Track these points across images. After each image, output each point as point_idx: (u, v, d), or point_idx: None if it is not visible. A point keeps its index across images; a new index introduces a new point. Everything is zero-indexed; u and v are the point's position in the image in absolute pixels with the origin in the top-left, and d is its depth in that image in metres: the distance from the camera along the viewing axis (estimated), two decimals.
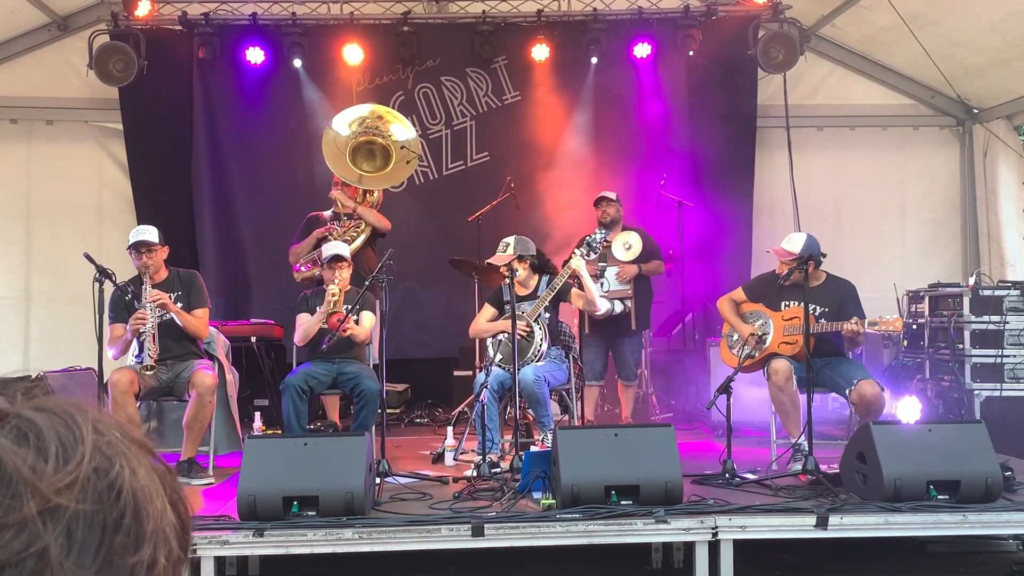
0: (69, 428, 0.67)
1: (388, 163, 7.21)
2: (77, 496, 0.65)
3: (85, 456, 0.66)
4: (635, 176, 8.57)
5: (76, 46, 8.54)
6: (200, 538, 4.04)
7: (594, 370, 7.07)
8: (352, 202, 7.07)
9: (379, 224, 7.12)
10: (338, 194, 7.06)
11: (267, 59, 8.56)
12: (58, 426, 0.67)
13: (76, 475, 0.65)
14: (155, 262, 5.54)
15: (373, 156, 7.28)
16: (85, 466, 0.66)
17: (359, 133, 7.22)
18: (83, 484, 0.65)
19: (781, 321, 5.68)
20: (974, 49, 7.89)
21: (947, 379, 6.79)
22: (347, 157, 7.10)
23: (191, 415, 5.39)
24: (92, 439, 0.67)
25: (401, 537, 4.16)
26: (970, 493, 4.31)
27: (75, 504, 0.64)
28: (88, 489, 0.65)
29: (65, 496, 0.64)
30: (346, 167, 7.06)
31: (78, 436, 0.67)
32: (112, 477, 0.67)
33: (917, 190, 9.27)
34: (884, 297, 7.38)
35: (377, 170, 7.21)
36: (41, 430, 0.67)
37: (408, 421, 8.14)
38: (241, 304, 8.67)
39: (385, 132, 7.25)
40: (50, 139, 8.91)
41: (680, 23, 8.61)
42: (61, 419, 0.68)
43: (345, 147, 7.13)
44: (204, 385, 5.32)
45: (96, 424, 0.69)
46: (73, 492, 0.64)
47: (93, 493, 0.65)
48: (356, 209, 7.05)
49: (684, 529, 4.20)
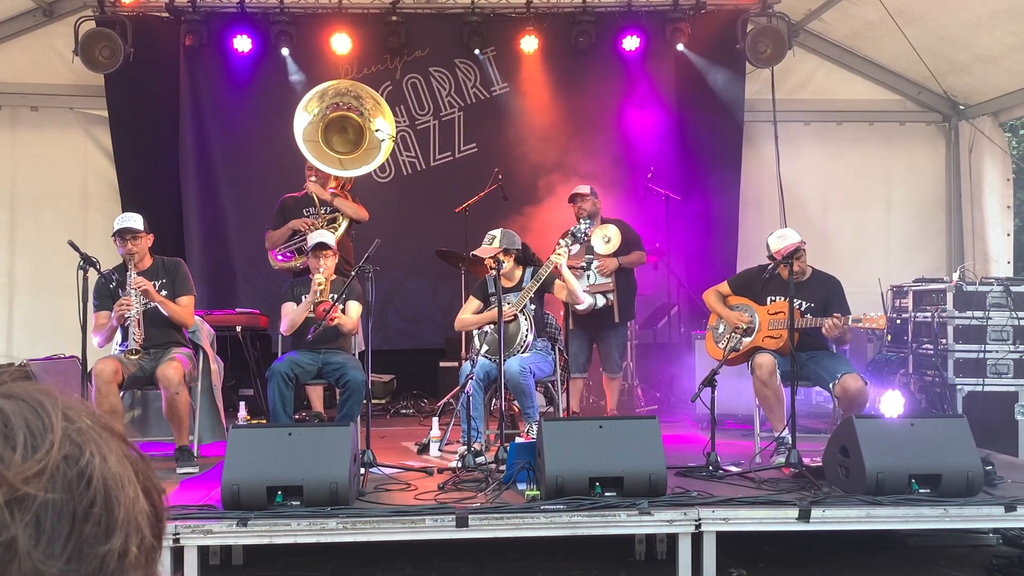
0: (38, 415, 0.67)
1: (362, 140, 7.08)
2: (46, 485, 0.64)
3: (54, 444, 0.65)
4: (622, 169, 8.58)
5: (62, 32, 8.48)
6: (183, 527, 4.04)
7: (578, 362, 7.07)
8: (328, 194, 7.02)
9: (357, 215, 7.07)
10: (315, 188, 6.99)
11: (254, 47, 8.51)
12: (26, 413, 0.66)
13: (45, 463, 0.64)
14: (140, 249, 5.52)
15: (345, 131, 7.12)
16: (54, 454, 0.65)
17: (331, 105, 7.07)
18: (52, 473, 0.64)
19: (766, 315, 5.71)
20: (961, 45, 7.91)
21: (930, 374, 6.83)
22: (320, 138, 6.99)
23: (166, 409, 5.41)
24: (62, 426, 0.67)
25: (385, 527, 4.16)
26: (951, 487, 4.34)
27: (44, 493, 0.63)
28: (57, 478, 0.65)
29: (33, 485, 0.63)
30: (322, 152, 6.95)
31: (47, 424, 0.66)
32: (82, 465, 0.66)
33: (903, 185, 9.31)
34: (869, 292, 7.41)
35: (351, 149, 7.08)
36: (9, 417, 0.66)
37: (393, 412, 8.14)
38: (227, 293, 8.64)
39: (358, 107, 7.11)
40: (35, 125, 8.84)
41: (669, 16, 8.63)
42: (30, 406, 0.67)
43: (317, 129, 7.00)
44: (167, 378, 5.30)
45: (66, 411, 0.68)
46: (42, 481, 0.64)
47: (63, 482, 0.65)
48: (333, 202, 7.00)
49: (667, 521, 4.22)
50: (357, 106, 7.06)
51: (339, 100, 7.04)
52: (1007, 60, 7.78)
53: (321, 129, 7.00)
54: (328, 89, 7.09)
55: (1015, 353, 6.64)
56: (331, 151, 7.04)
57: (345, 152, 7.08)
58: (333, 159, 7.01)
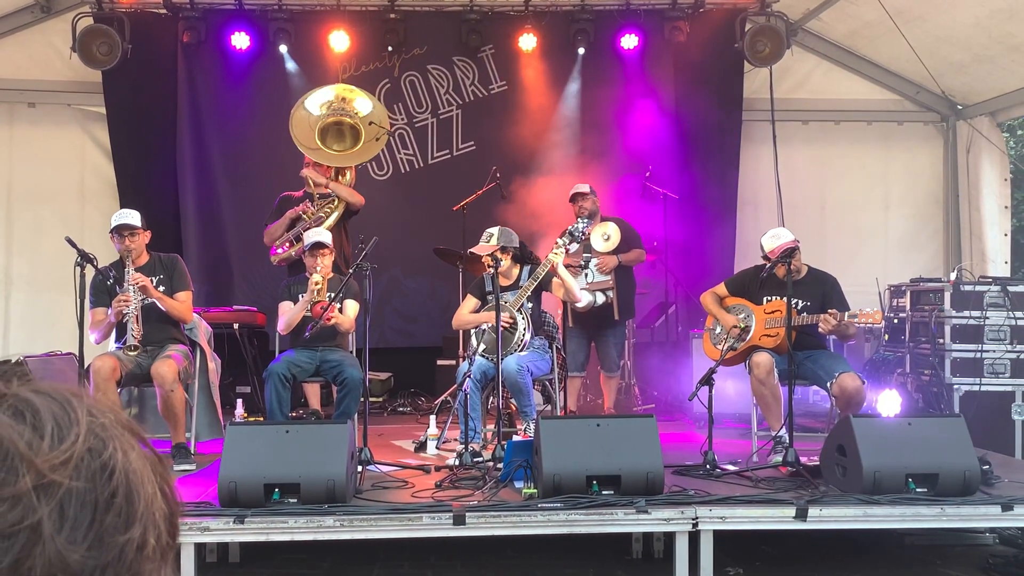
0: (64, 409, 0.70)
1: (358, 142, 7.12)
2: (71, 474, 0.67)
3: (80, 436, 0.68)
4: (620, 168, 8.57)
5: (59, 28, 8.46)
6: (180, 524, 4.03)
7: (577, 361, 7.08)
8: (324, 179, 7.01)
9: (352, 199, 7.04)
10: (310, 172, 6.99)
11: (252, 45, 8.51)
12: (54, 407, 0.70)
13: (71, 453, 0.67)
14: (137, 246, 5.51)
15: (342, 136, 7.17)
16: (79, 445, 0.68)
17: (327, 115, 7.14)
18: (77, 463, 0.67)
19: (763, 314, 5.71)
20: (959, 45, 7.92)
21: (927, 373, 6.84)
22: (316, 137, 7.02)
23: (161, 407, 5.40)
24: (87, 421, 0.70)
25: (382, 525, 4.16)
26: (948, 486, 4.34)
27: (69, 481, 0.66)
28: (82, 468, 0.67)
29: (60, 473, 0.66)
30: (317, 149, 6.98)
31: (73, 417, 0.69)
32: (105, 458, 0.69)
33: (900, 185, 9.32)
34: (866, 291, 7.41)
35: (347, 149, 7.13)
36: (38, 409, 0.69)
37: (391, 410, 8.13)
38: (224, 290, 8.63)
39: (351, 111, 7.17)
40: (32, 122, 8.83)
41: (667, 15, 8.63)
42: (57, 401, 0.70)
43: (314, 128, 7.04)
44: (161, 376, 5.29)
45: (91, 408, 0.71)
46: (67, 469, 0.67)
47: (86, 472, 0.68)
48: (328, 185, 6.99)
49: (665, 519, 4.21)
50: (350, 111, 7.13)
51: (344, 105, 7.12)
52: (1005, 60, 7.78)
53: (318, 130, 7.04)
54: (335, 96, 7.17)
55: (1012, 353, 6.65)
56: (328, 151, 7.06)
57: (342, 150, 7.11)
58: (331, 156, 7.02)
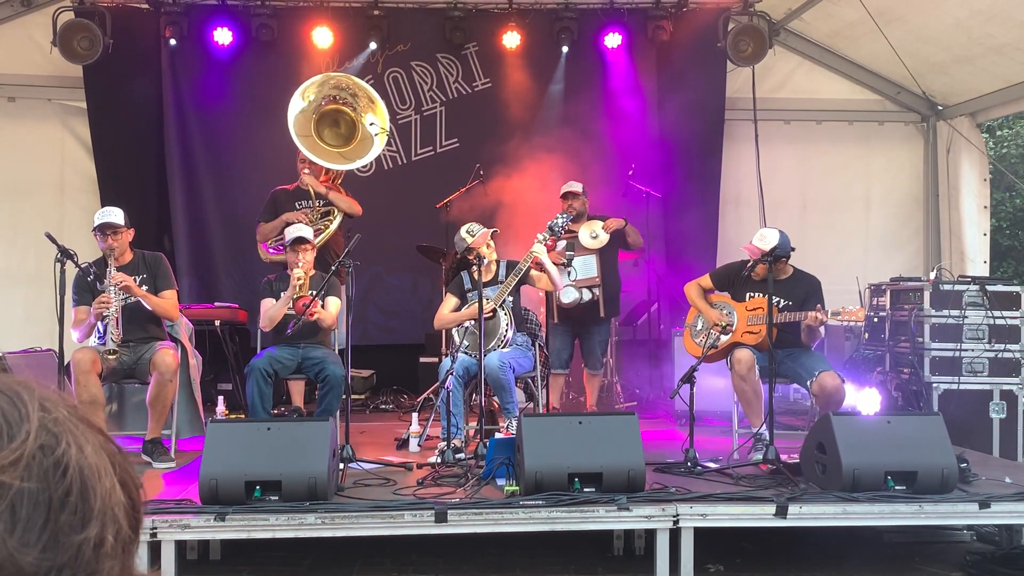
0: (14, 405, 0.67)
1: (354, 135, 7.03)
2: (21, 474, 0.64)
3: (30, 434, 0.66)
4: (603, 166, 8.57)
5: (40, 22, 8.40)
6: (161, 522, 4.01)
7: (561, 359, 7.08)
8: (323, 188, 6.95)
9: (351, 210, 6.97)
10: (310, 180, 6.92)
11: (235, 40, 8.47)
12: (3, 403, 0.67)
13: (20, 452, 0.65)
14: (120, 244, 5.48)
15: (337, 125, 7.07)
16: (30, 444, 0.66)
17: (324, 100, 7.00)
18: (28, 462, 0.65)
19: (745, 311, 5.74)
20: (939, 46, 7.98)
21: (906, 372, 6.88)
22: (312, 130, 6.93)
23: (153, 395, 5.35)
24: (38, 416, 0.67)
25: (364, 522, 4.16)
26: (926, 484, 4.38)
27: (19, 482, 0.64)
28: (33, 467, 0.65)
29: (8, 474, 0.64)
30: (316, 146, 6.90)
31: (23, 413, 0.67)
32: (59, 455, 0.67)
33: (881, 185, 9.38)
34: (846, 290, 7.45)
35: (342, 143, 7.03)
36: None
37: (373, 407, 8.12)
38: (207, 287, 8.59)
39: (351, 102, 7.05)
40: (11, 116, 8.75)
41: (651, 14, 8.66)
42: (6, 396, 0.68)
43: (309, 121, 6.95)
44: (165, 364, 5.28)
45: (43, 402, 0.69)
46: (17, 470, 0.64)
47: (38, 471, 0.65)
48: (328, 195, 6.93)
49: (646, 517, 4.23)
50: (352, 102, 7.01)
51: (336, 94, 6.98)
52: (985, 61, 7.84)
53: (314, 121, 6.94)
54: (329, 80, 7.02)
55: (990, 352, 6.70)
56: (323, 144, 6.98)
57: (336, 146, 7.04)
58: (327, 152, 6.95)
